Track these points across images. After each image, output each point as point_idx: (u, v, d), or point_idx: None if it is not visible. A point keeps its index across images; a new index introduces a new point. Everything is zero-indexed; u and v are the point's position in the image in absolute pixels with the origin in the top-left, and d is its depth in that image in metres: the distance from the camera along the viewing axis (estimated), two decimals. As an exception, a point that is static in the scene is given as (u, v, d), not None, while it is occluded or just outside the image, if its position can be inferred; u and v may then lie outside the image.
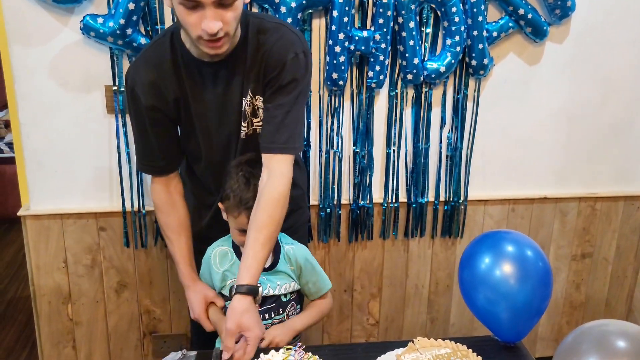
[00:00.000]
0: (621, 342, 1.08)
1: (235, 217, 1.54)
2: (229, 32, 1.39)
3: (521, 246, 1.48)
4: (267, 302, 1.61)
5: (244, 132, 1.60)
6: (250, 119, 1.58)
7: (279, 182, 1.49)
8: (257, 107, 1.56)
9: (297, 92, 1.52)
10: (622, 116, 2.42)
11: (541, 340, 2.66)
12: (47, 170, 2.10)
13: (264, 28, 1.52)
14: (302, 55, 1.50)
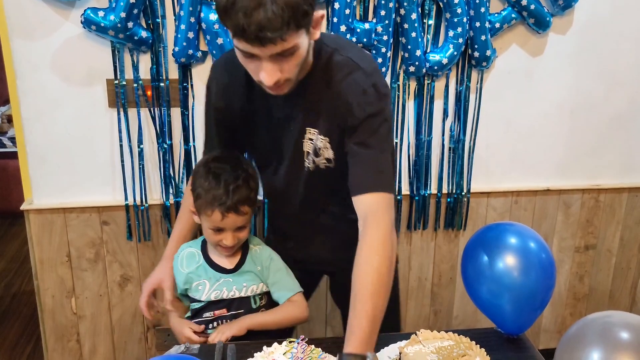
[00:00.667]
0: (624, 334, 1.08)
1: (208, 215, 1.51)
2: (290, 78, 1.29)
3: (524, 238, 1.48)
4: (234, 307, 1.60)
5: (307, 166, 1.49)
6: (312, 157, 1.47)
7: (376, 228, 1.30)
8: (319, 147, 1.44)
9: (375, 126, 1.36)
10: (625, 108, 2.41)
11: (545, 332, 2.66)
12: (49, 164, 2.11)
13: (333, 62, 1.38)
14: (371, 89, 1.35)
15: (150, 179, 2.18)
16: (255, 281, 1.60)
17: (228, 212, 1.48)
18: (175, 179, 2.17)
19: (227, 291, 1.58)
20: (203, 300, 1.59)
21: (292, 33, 1.18)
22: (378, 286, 1.25)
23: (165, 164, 2.15)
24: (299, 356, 1.26)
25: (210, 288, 1.58)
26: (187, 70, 2.07)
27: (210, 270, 1.59)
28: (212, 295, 1.58)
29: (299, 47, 1.23)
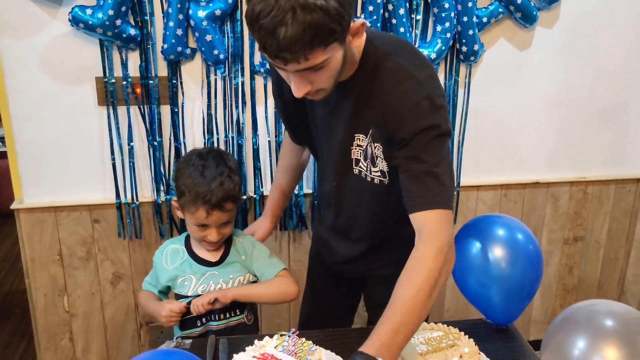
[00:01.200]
0: (609, 322, 1.10)
1: (192, 212, 1.51)
2: (323, 89, 1.24)
3: (512, 230, 1.50)
4: None
5: (364, 173, 1.42)
6: (369, 163, 1.40)
7: (429, 245, 1.24)
8: (376, 155, 1.37)
9: (427, 140, 1.26)
10: (612, 101, 2.43)
11: (535, 324, 2.69)
12: (39, 163, 2.10)
13: (384, 68, 1.30)
14: (425, 102, 1.25)
15: (141, 176, 2.18)
16: (241, 272, 1.60)
17: (212, 210, 1.49)
18: (165, 176, 2.17)
19: (214, 284, 1.59)
20: (190, 296, 1.59)
21: (317, 52, 1.13)
22: (414, 304, 1.19)
23: (155, 162, 2.15)
24: (290, 349, 1.27)
25: (196, 282, 1.59)
26: (177, 68, 2.08)
27: (195, 265, 1.60)
28: (199, 289, 1.59)
29: (330, 60, 1.17)
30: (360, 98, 1.34)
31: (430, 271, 1.21)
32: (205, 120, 2.14)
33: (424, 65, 1.31)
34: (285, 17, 1.07)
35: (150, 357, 1.04)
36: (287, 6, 1.06)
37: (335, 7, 1.09)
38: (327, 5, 1.08)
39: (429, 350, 1.27)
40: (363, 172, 1.41)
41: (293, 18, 1.06)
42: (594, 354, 1.07)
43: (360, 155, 1.40)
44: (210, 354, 1.37)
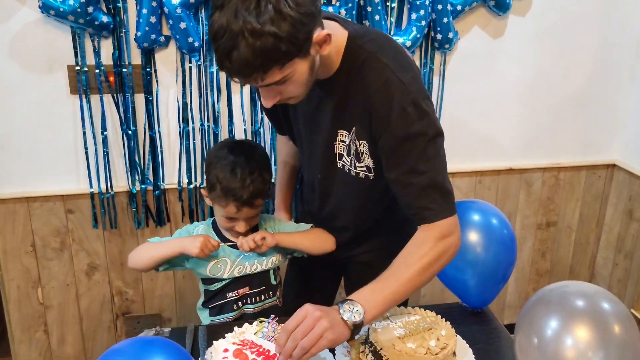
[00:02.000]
0: (580, 302, 1.13)
1: (222, 207, 1.51)
2: (294, 97, 1.24)
3: (486, 215, 1.52)
4: (255, 284, 1.61)
5: (347, 167, 1.42)
6: (353, 159, 1.40)
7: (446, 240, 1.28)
8: (361, 151, 1.37)
9: (420, 148, 1.25)
10: (583, 88, 2.48)
11: (509, 308, 2.74)
12: (10, 153, 2.07)
13: (369, 68, 1.27)
14: (410, 108, 1.23)
15: (115, 165, 2.16)
16: (272, 253, 1.61)
17: (242, 207, 1.49)
18: (141, 165, 2.15)
19: (250, 265, 1.58)
20: (225, 278, 1.58)
21: (273, 71, 1.13)
22: (420, 269, 1.25)
23: (130, 151, 2.13)
24: (270, 335, 1.27)
25: (232, 265, 1.58)
26: (150, 56, 2.05)
27: (228, 249, 1.59)
28: (236, 271, 1.58)
29: (292, 74, 1.17)
30: (344, 96, 1.33)
31: (441, 250, 1.27)
32: (181, 108, 2.13)
33: (409, 66, 1.30)
34: (237, 41, 1.08)
35: (130, 344, 1.04)
36: (237, 30, 1.07)
37: (286, 29, 1.09)
38: (277, 29, 1.08)
39: (407, 334, 1.28)
40: (347, 166, 1.42)
41: (244, 43, 1.08)
42: (566, 333, 1.09)
43: (343, 151, 1.40)
44: (189, 341, 1.37)
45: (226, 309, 1.60)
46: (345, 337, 1.18)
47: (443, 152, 1.30)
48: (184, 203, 2.25)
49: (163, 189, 2.20)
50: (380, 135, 1.29)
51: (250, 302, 1.61)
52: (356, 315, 1.18)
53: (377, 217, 1.57)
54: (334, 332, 1.15)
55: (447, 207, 1.29)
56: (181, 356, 1.04)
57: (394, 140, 1.27)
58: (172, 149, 2.18)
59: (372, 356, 1.26)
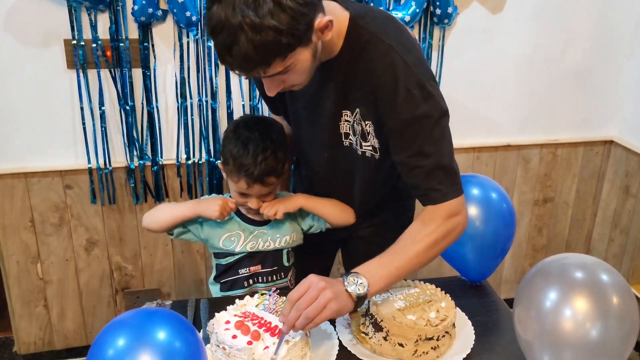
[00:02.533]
0: (579, 274, 1.14)
1: (235, 182, 1.51)
2: (297, 84, 1.24)
3: (486, 189, 1.53)
4: (268, 263, 1.61)
5: (347, 142, 1.42)
6: (359, 138, 1.39)
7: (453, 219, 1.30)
8: (367, 131, 1.36)
9: (426, 131, 1.26)
10: (582, 64, 2.47)
11: (505, 283, 2.76)
12: (8, 128, 2.06)
13: (372, 49, 1.26)
14: (416, 90, 1.22)
15: (113, 141, 2.15)
16: (287, 231, 1.61)
17: (254, 183, 1.49)
18: (139, 140, 2.15)
19: (263, 242, 1.59)
20: (237, 253, 1.58)
21: (276, 63, 1.12)
22: (427, 246, 1.27)
23: (128, 126, 2.12)
24: (271, 307, 1.28)
25: (245, 239, 1.58)
26: (148, 30, 2.03)
27: (243, 223, 1.59)
28: (248, 246, 1.58)
29: (295, 63, 1.16)
30: (347, 77, 1.32)
31: (447, 229, 1.29)
32: (178, 83, 2.11)
33: (413, 47, 1.28)
34: (236, 36, 1.06)
35: (134, 315, 1.05)
36: (236, 25, 1.06)
37: (286, 21, 1.07)
38: (277, 23, 1.06)
39: (407, 306, 1.29)
40: (353, 144, 1.42)
41: (244, 37, 1.06)
42: (565, 305, 1.11)
43: (349, 130, 1.40)
44: (191, 313, 1.38)
45: (237, 285, 1.61)
46: (348, 308, 1.20)
47: (449, 132, 1.30)
48: (182, 179, 2.25)
49: (161, 165, 2.20)
50: (387, 118, 1.28)
51: (262, 281, 1.62)
52: (360, 288, 1.19)
53: (383, 194, 1.57)
54: (338, 302, 1.17)
55: (454, 188, 1.29)
56: (184, 327, 1.05)
57: (400, 123, 1.26)
58: (170, 125, 2.17)
59: (373, 328, 1.28)
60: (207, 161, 2.22)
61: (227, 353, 1.16)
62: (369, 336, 1.29)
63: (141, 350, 0.96)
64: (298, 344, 1.19)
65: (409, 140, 1.27)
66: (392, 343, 1.25)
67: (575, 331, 1.09)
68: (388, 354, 1.26)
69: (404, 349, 1.24)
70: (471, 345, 1.29)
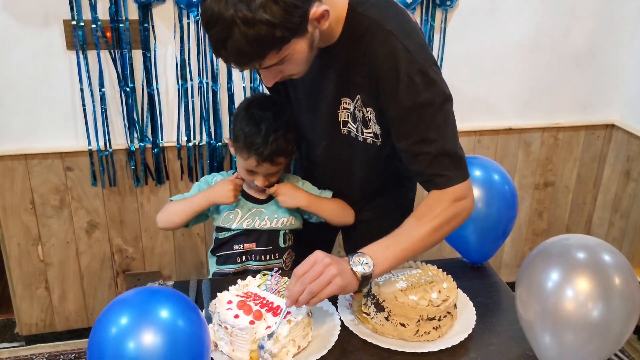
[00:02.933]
0: (581, 254, 1.14)
1: (244, 159, 1.52)
2: (295, 73, 1.22)
3: (488, 170, 1.53)
4: (262, 242, 1.62)
5: (354, 133, 1.41)
6: (360, 125, 1.39)
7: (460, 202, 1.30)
8: (369, 118, 1.36)
9: (429, 118, 1.25)
10: (584, 47, 2.46)
11: (505, 267, 2.77)
12: (7, 109, 2.05)
13: (373, 36, 1.24)
14: (418, 77, 1.21)
15: (114, 123, 2.14)
16: (285, 213, 1.62)
17: (263, 162, 1.49)
18: (139, 122, 2.14)
19: (259, 221, 1.60)
20: (233, 229, 1.60)
21: (271, 55, 1.12)
22: (432, 229, 1.27)
23: (128, 108, 2.11)
24: (273, 287, 1.29)
25: (242, 216, 1.60)
26: (148, 11, 2.02)
27: (242, 200, 1.60)
28: (244, 223, 1.60)
29: (292, 54, 1.15)
30: (347, 64, 1.30)
31: (453, 213, 1.29)
32: (179, 65, 2.10)
33: (413, 31, 1.26)
34: (230, 30, 1.06)
35: (136, 294, 1.05)
36: (229, 19, 1.05)
37: (279, 14, 1.06)
38: (270, 16, 1.05)
39: (409, 287, 1.30)
40: (353, 132, 1.41)
41: (237, 31, 1.05)
42: (567, 285, 1.11)
43: (348, 117, 1.39)
44: (192, 293, 1.39)
45: (230, 260, 1.62)
46: (353, 287, 1.20)
47: (453, 117, 1.29)
48: (183, 161, 2.24)
49: (162, 147, 2.19)
50: (389, 105, 1.27)
51: (254, 259, 1.62)
52: (365, 268, 1.20)
53: (383, 178, 1.57)
54: (342, 279, 1.17)
55: (460, 172, 1.29)
56: (187, 306, 1.05)
57: (402, 110, 1.25)
58: (170, 107, 2.16)
59: (375, 308, 1.28)
60: (207, 143, 2.21)
61: (230, 332, 1.17)
62: (371, 316, 1.29)
63: (144, 329, 0.96)
64: (300, 324, 1.20)
65: (412, 127, 1.26)
66: (394, 323, 1.25)
67: (577, 311, 1.09)
68: (390, 334, 1.26)
69: (406, 329, 1.25)
70: (472, 326, 1.30)
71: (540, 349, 1.16)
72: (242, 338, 1.16)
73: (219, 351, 1.19)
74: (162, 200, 2.26)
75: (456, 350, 1.24)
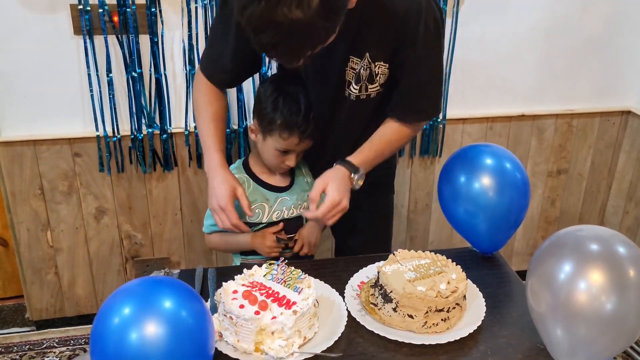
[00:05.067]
0: (595, 246, 1.11)
1: (284, 139, 1.49)
2: None
3: (500, 158, 1.49)
4: (291, 229, 1.64)
5: (354, 95, 1.47)
6: (365, 83, 1.45)
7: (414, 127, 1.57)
8: (376, 73, 1.44)
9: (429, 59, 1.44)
10: (600, 31, 2.40)
11: (517, 255, 2.74)
12: (15, 94, 2.04)
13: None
14: (432, 24, 1.37)
15: (121, 109, 2.13)
16: (302, 199, 1.64)
17: (306, 139, 1.50)
18: (147, 108, 2.12)
19: (287, 210, 1.63)
20: (264, 223, 1.62)
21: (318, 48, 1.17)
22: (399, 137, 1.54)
23: (135, 94, 2.09)
24: (279, 277, 1.27)
25: (270, 209, 1.61)
26: (155, -6, 1.99)
27: (266, 192, 1.61)
28: (274, 216, 1.62)
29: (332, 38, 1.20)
30: (360, 26, 1.35)
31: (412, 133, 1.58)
32: (187, 50, 2.07)
33: None
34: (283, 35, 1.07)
35: (139, 283, 1.04)
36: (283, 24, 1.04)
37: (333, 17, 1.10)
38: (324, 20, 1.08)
39: (417, 277, 1.27)
40: (353, 94, 1.47)
41: (291, 36, 1.07)
42: (580, 278, 1.08)
43: (352, 78, 1.44)
44: (198, 283, 1.37)
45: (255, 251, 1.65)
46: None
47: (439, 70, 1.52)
48: (191, 147, 2.22)
49: (170, 133, 2.18)
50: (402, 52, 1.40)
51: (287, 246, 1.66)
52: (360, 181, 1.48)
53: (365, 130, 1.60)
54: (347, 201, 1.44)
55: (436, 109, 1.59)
56: (190, 296, 1.04)
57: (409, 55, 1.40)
58: (178, 92, 2.14)
59: (382, 299, 1.26)
60: (216, 130, 2.19)
61: (235, 323, 1.15)
62: (378, 307, 1.27)
63: (147, 319, 0.95)
64: (306, 314, 1.18)
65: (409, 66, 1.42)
66: (402, 314, 1.23)
67: (590, 304, 1.07)
68: (397, 325, 1.24)
69: (414, 320, 1.23)
70: (482, 318, 1.27)
71: (552, 342, 1.14)
72: (247, 329, 1.14)
73: (224, 341, 1.18)
74: (171, 186, 2.25)
75: (465, 343, 1.22)
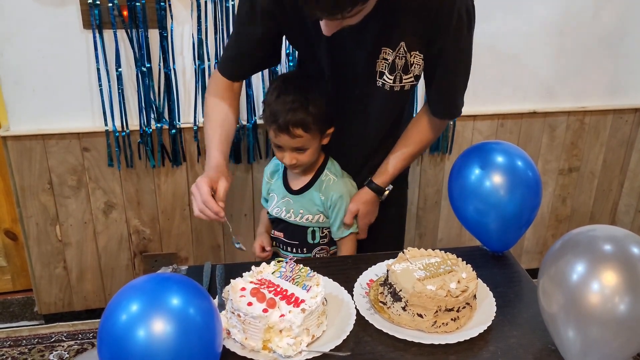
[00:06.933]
0: (608, 246, 1.09)
1: (268, 130, 1.55)
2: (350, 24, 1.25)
3: (511, 156, 1.47)
4: (288, 234, 1.65)
5: (388, 85, 1.47)
6: (400, 73, 1.45)
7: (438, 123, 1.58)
8: (411, 63, 1.44)
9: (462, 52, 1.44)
10: (613, 28, 2.37)
11: (527, 253, 2.72)
12: (24, 89, 2.04)
13: None
14: (465, 15, 1.36)
15: (130, 104, 2.12)
16: (311, 211, 1.61)
17: (280, 132, 1.49)
18: (156, 103, 2.11)
19: (285, 212, 1.63)
20: (269, 212, 1.68)
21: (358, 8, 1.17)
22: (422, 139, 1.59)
23: (144, 89, 2.09)
24: (288, 275, 1.26)
25: (275, 202, 1.65)
26: (165, -11, 1.98)
27: (281, 187, 1.64)
28: (275, 211, 1.65)
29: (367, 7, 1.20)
30: (391, 14, 1.35)
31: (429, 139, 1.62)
32: (196, 45, 2.07)
33: None
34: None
35: (147, 280, 1.03)
36: None
37: None
38: None
39: (427, 276, 1.26)
40: (387, 84, 1.47)
41: None
42: (593, 278, 1.06)
43: (385, 68, 1.44)
44: (206, 279, 1.37)
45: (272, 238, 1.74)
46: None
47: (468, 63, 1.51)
48: (200, 143, 2.22)
49: (179, 128, 2.17)
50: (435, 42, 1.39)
51: (282, 248, 1.67)
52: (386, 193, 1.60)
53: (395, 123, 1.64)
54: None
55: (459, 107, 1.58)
56: (198, 293, 1.03)
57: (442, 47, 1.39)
58: (187, 87, 2.14)
59: (391, 298, 1.25)
60: (224, 125, 2.18)
61: (242, 320, 1.14)
62: (387, 306, 1.26)
63: (154, 316, 0.95)
64: (314, 313, 1.17)
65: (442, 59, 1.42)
66: (411, 313, 1.22)
67: (603, 305, 1.05)
68: (406, 324, 1.23)
69: (423, 319, 1.21)
70: (492, 317, 1.26)
71: (563, 343, 1.12)
72: (255, 326, 1.13)
73: (232, 339, 1.17)
74: (179, 181, 2.25)
75: (475, 343, 1.20)
